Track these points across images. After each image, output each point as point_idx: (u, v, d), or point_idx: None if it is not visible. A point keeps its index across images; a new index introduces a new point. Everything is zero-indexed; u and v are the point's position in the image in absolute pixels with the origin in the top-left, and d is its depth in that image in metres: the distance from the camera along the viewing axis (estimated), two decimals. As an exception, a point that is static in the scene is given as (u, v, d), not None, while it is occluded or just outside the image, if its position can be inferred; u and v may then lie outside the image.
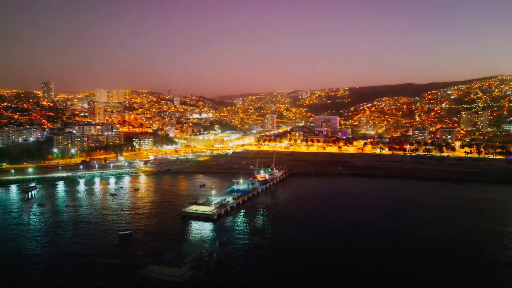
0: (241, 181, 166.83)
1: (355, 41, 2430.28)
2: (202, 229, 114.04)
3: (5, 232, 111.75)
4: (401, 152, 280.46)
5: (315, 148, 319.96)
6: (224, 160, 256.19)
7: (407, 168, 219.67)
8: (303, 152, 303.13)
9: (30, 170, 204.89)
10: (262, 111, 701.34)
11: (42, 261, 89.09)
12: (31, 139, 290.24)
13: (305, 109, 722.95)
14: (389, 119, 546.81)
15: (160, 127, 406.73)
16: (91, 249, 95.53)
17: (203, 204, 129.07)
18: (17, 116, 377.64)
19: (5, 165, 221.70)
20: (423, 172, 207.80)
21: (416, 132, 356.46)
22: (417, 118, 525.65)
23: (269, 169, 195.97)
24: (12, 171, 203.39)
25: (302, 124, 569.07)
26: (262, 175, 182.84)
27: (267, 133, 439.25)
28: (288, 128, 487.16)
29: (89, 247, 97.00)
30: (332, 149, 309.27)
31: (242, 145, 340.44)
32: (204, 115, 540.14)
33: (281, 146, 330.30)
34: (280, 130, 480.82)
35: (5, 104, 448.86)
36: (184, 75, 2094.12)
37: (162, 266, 76.45)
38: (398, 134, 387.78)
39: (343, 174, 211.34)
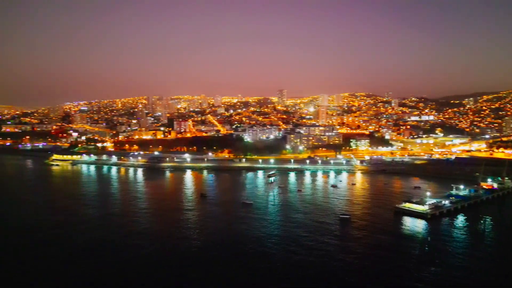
0: (461, 187, 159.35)
1: None
2: (415, 225, 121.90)
3: (257, 201, 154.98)
4: None
5: None
6: (444, 165, 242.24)
7: None
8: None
9: (272, 161, 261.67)
10: (501, 113, 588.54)
11: (279, 225, 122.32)
12: (271, 137, 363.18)
13: None
14: None
15: (376, 129, 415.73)
16: (317, 227, 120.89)
17: (417, 203, 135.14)
18: (260, 118, 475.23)
19: (254, 156, 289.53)
20: None
21: None
22: None
23: (499, 178, 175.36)
24: (260, 160, 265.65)
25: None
26: (489, 183, 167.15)
27: (504, 139, 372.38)
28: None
29: (316, 225, 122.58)
30: None
31: (468, 151, 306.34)
32: (424, 117, 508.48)
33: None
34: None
35: (252, 109, 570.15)
36: (404, 75, 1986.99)
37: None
38: None
39: None
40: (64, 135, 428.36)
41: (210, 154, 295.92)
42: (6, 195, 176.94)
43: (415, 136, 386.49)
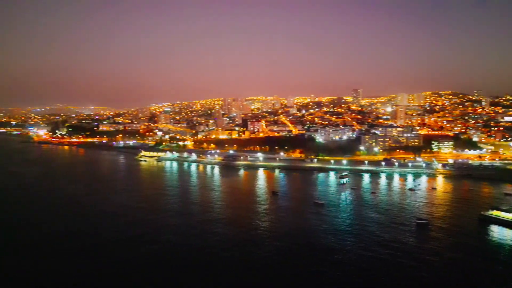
0: None
1: None
2: (503, 234, 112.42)
3: (329, 201, 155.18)
4: None
5: None
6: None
7: None
8: None
9: (344, 162, 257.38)
10: None
11: (352, 224, 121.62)
12: (344, 137, 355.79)
13: None
14: None
15: (463, 130, 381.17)
16: (392, 229, 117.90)
17: (507, 210, 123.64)
18: (333, 118, 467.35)
19: (326, 157, 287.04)
20: None
21: None
22: None
23: None
24: (332, 161, 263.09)
25: None
26: None
27: None
28: None
29: (390, 227, 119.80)
30: None
31: None
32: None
33: None
34: None
35: (325, 109, 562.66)
36: (498, 72, 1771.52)
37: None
38: None
39: None
40: (151, 134, 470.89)
41: (281, 153, 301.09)
42: (105, 185, 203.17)
43: (509, 139, 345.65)
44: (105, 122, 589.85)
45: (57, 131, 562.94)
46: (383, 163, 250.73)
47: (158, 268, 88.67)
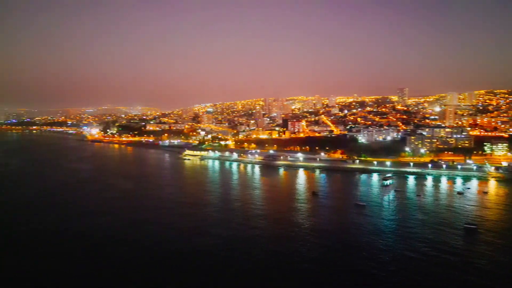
0: None
1: None
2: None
3: (371, 203, 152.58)
4: None
5: None
6: None
7: None
8: None
9: (388, 163, 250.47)
10: None
11: (394, 226, 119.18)
12: (388, 138, 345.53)
13: None
14: None
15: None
16: (438, 232, 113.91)
17: None
18: (377, 118, 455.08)
19: (369, 158, 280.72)
20: None
21: None
22: None
23: None
24: (375, 162, 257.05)
25: None
26: None
27: None
28: None
29: (436, 230, 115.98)
30: None
31: None
32: None
33: None
34: None
35: (369, 109, 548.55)
36: None
37: None
38: None
39: None
40: (194, 133, 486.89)
41: (322, 154, 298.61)
42: (153, 181, 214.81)
43: None
44: (151, 122, 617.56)
45: (108, 130, 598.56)
46: (429, 165, 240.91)
47: (209, 257, 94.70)
